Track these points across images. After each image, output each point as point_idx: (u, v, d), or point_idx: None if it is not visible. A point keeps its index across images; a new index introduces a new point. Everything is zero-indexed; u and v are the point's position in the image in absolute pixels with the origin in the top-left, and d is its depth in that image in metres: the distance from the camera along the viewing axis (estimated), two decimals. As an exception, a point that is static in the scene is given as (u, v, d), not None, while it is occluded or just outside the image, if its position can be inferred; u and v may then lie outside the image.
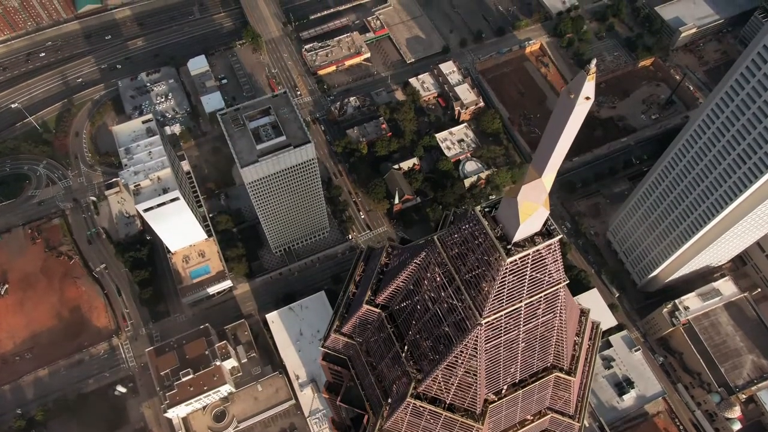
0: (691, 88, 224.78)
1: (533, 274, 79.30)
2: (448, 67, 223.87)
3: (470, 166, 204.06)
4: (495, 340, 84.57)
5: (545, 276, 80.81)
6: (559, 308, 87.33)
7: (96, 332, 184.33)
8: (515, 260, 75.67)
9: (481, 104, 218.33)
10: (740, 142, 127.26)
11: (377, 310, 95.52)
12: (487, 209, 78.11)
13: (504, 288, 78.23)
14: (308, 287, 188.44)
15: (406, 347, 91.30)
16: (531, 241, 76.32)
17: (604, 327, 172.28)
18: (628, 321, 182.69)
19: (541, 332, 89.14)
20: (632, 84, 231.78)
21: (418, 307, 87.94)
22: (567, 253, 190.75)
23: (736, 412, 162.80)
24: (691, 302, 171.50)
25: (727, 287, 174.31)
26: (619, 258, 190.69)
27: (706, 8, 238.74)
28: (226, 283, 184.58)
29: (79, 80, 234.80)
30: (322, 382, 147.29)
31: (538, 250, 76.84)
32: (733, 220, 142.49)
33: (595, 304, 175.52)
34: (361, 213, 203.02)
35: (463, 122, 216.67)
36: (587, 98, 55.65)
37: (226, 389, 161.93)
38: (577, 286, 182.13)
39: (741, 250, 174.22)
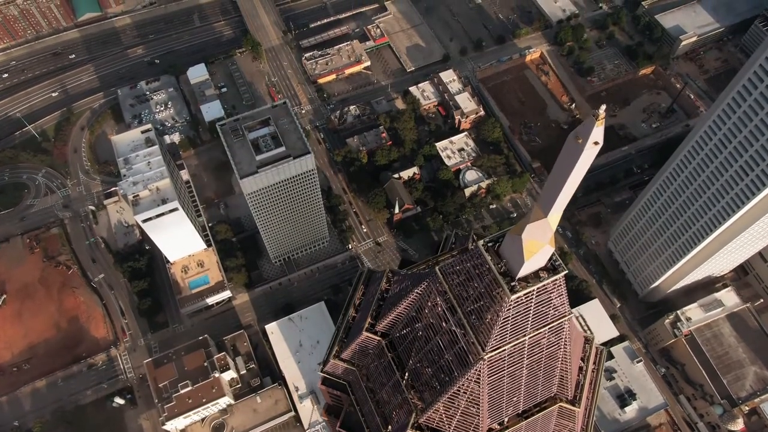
0: (692, 97, 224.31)
1: (538, 308, 78.10)
2: (448, 76, 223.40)
3: (470, 175, 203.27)
4: (498, 373, 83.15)
5: (550, 309, 79.61)
6: (563, 340, 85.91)
7: (94, 343, 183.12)
8: (520, 297, 74.32)
9: (482, 113, 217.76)
10: (743, 153, 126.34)
11: (377, 338, 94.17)
12: (490, 243, 76.66)
13: (508, 323, 76.96)
14: (308, 297, 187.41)
15: (406, 375, 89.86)
16: (536, 276, 74.90)
17: (605, 338, 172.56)
18: (630, 331, 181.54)
19: (545, 363, 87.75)
20: (633, 92, 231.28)
21: (420, 335, 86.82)
22: (568, 263, 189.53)
23: (738, 424, 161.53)
24: (693, 313, 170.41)
25: (729, 298, 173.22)
26: (620, 268, 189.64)
27: (707, 16, 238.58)
28: (225, 294, 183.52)
29: (81, 90, 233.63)
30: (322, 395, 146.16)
31: (543, 286, 75.42)
32: (736, 231, 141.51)
33: (596, 314, 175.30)
34: (361, 222, 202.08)
35: (463, 131, 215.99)
36: (596, 143, 54.47)
37: (224, 401, 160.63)
38: (578, 297, 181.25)
39: (743, 260, 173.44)
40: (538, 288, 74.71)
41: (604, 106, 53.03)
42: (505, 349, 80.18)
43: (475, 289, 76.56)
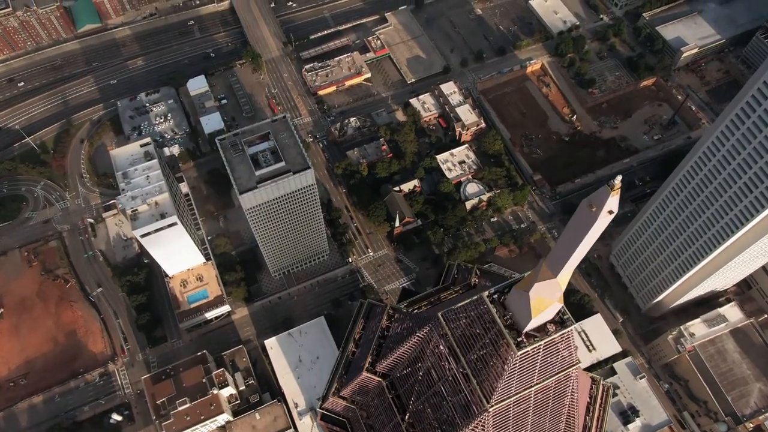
0: (694, 109, 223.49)
1: (545, 359, 76.34)
2: (448, 88, 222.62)
3: (471, 188, 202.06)
4: (503, 422, 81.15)
5: (557, 360, 77.98)
6: (570, 387, 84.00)
7: (92, 358, 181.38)
8: (527, 352, 72.50)
9: (482, 125, 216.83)
10: (746, 170, 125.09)
11: (377, 378, 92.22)
12: (495, 295, 74.96)
13: (514, 376, 75.15)
14: (308, 311, 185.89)
15: (407, 417, 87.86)
16: (543, 329, 73.24)
17: (608, 353, 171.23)
18: (633, 346, 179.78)
19: (551, 409, 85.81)
20: (634, 104, 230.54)
21: (421, 378, 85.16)
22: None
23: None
24: (697, 328, 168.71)
25: (732, 313, 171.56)
26: (622, 282, 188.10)
27: (708, 28, 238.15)
28: (225, 308, 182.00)
29: (81, 101, 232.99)
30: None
31: (551, 341, 73.70)
32: (741, 246, 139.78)
33: (598, 329, 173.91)
34: (362, 235, 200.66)
35: (464, 143, 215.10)
36: (610, 212, 53.39)
37: (223, 418, 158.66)
38: (580, 311, 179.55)
39: (747, 275, 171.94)
40: (545, 342, 72.82)
41: (619, 177, 52.00)
42: (510, 402, 78.29)
43: (480, 339, 75.06)
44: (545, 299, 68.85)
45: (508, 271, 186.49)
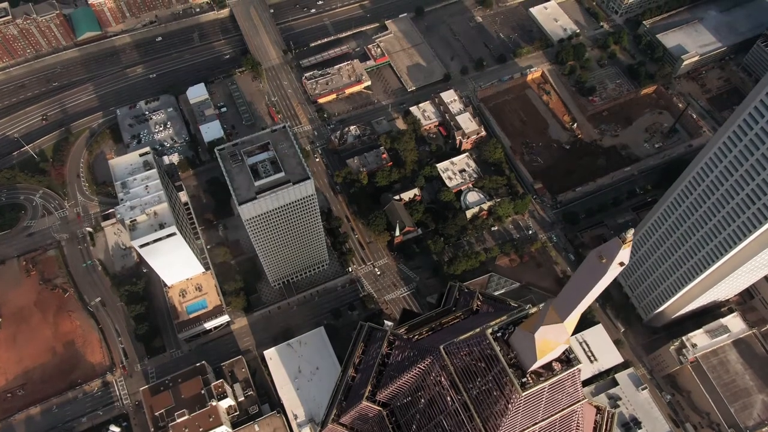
0: (695, 116, 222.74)
1: (551, 397, 75.01)
2: (449, 96, 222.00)
3: (472, 196, 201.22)
4: None
5: (563, 397, 76.57)
6: (576, 422, 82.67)
7: (90, 368, 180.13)
8: (531, 393, 71.17)
9: (483, 133, 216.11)
10: (750, 182, 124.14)
11: (377, 408, 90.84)
12: (499, 333, 73.69)
13: (518, 415, 73.81)
14: (307, 321, 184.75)
15: None
16: (548, 367, 71.96)
17: (609, 364, 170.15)
18: (634, 357, 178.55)
19: None
20: (635, 112, 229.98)
21: (422, 409, 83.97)
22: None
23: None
24: (699, 339, 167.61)
25: (735, 323, 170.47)
26: (624, 291, 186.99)
27: (708, 36, 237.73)
28: (224, 318, 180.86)
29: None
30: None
31: (557, 380, 72.33)
32: (745, 257, 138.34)
33: (600, 340, 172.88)
34: (362, 244, 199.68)
35: (464, 151, 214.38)
36: (621, 264, 52.72)
37: (222, 430, 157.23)
38: (582, 322, 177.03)
39: (749, 284, 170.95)
40: (551, 383, 71.51)
41: (632, 231, 51.30)
42: None
43: (482, 375, 73.98)
44: (551, 341, 67.86)
45: (509, 281, 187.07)
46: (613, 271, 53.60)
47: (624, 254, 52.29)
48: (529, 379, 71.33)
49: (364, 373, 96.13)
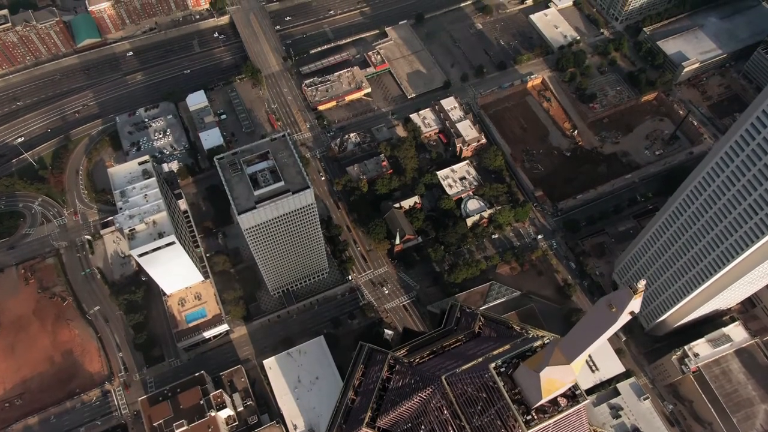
0: (695, 123, 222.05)
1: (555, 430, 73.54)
2: (449, 103, 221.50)
3: (472, 204, 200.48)
4: None
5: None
6: None
7: (88, 378, 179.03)
8: (536, 430, 69.99)
9: (483, 141, 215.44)
10: (752, 191, 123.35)
11: None
12: (502, 368, 72.48)
13: None
14: (307, 330, 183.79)
15: None
16: (554, 403, 70.77)
17: (611, 374, 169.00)
18: (636, 366, 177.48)
19: None
20: (635, 119, 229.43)
21: None
22: (572, 295, 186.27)
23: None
24: (701, 348, 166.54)
25: (737, 333, 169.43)
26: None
27: (709, 43, 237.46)
28: (223, 327, 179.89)
29: (77, 115, 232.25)
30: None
31: (564, 417, 71.17)
32: (748, 266, 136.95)
33: (601, 349, 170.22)
34: (362, 252, 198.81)
35: (464, 159, 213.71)
36: (632, 313, 52.29)
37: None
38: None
39: (752, 293, 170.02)
40: (557, 420, 70.31)
41: (643, 282, 50.89)
42: None
43: (485, 409, 72.90)
44: (557, 381, 66.90)
45: (510, 290, 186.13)
46: (624, 320, 53.24)
47: (635, 304, 52.18)
48: (534, 416, 70.17)
49: (364, 397, 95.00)
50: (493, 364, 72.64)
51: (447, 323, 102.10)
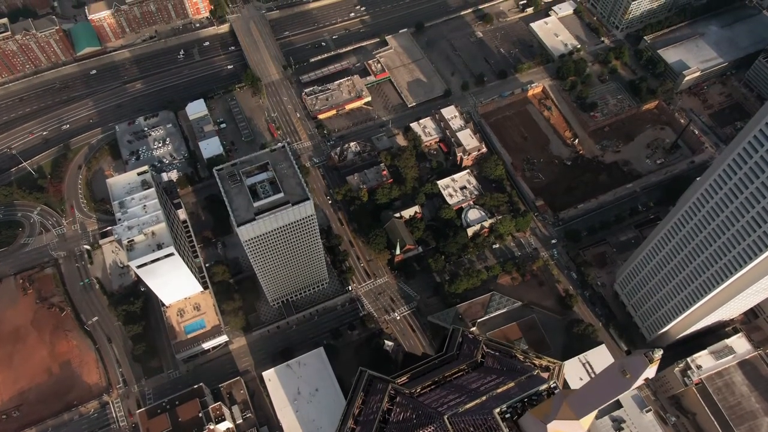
0: (696, 132, 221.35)
1: None
2: (449, 112, 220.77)
3: (473, 214, 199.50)
4: None
5: None
6: None
7: (86, 389, 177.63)
8: None
9: (484, 150, 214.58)
10: (755, 204, 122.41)
11: None
12: (507, 414, 71.01)
13: None
14: (307, 341, 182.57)
15: None
16: None
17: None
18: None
19: None
20: (636, 127, 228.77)
21: None
22: (573, 306, 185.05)
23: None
24: (704, 360, 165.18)
25: (740, 344, 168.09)
26: (627, 311, 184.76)
27: (710, 51, 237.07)
28: (222, 338, 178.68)
29: (79, 125, 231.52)
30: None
31: None
32: (752, 278, 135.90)
33: (603, 361, 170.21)
34: (362, 263, 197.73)
35: (465, 168, 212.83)
36: (646, 379, 51.29)
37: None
38: (585, 341, 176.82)
39: (754, 304, 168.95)
40: None
41: (660, 351, 49.82)
42: None
43: None
44: None
45: (510, 300, 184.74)
46: (637, 384, 52.37)
47: (650, 371, 51.26)
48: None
49: (364, 428, 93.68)
50: (497, 409, 71.23)
51: (449, 348, 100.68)
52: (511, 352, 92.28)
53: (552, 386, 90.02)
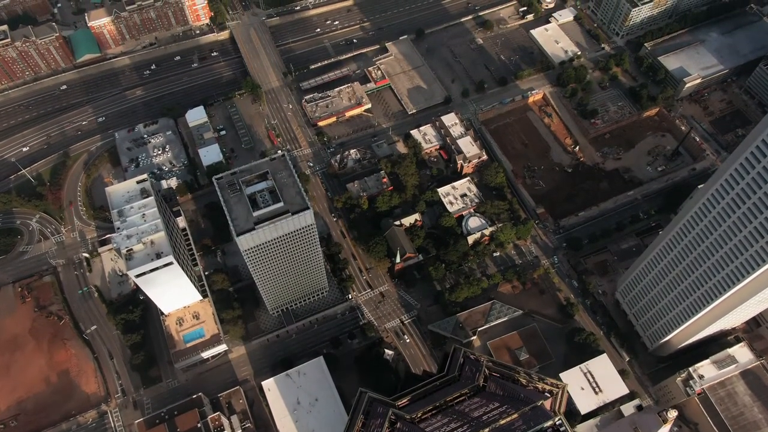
0: (697, 139, 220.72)
1: None
2: (450, 119, 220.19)
3: (473, 222, 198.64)
4: None
5: None
6: None
7: (84, 399, 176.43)
8: None
9: (484, 157, 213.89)
10: (758, 215, 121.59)
11: None
12: None
13: None
14: (306, 350, 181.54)
15: None
16: None
17: (615, 395, 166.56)
18: (640, 387, 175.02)
19: None
20: (637, 134, 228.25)
21: None
22: (575, 315, 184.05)
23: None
24: (706, 370, 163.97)
25: (742, 354, 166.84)
26: (628, 319, 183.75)
27: (711, 58, 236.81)
28: (221, 347, 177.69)
29: (78, 132, 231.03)
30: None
31: None
32: (755, 288, 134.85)
33: (605, 370, 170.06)
34: (362, 271, 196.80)
35: (466, 175, 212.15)
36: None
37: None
38: (586, 351, 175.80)
39: (757, 313, 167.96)
40: None
41: (675, 412, 48.77)
42: None
43: None
44: None
45: (511, 309, 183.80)
46: None
47: (664, 430, 49.95)
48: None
49: None
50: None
51: (450, 369, 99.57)
52: (513, 376, 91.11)
53: (557, 423, 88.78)
